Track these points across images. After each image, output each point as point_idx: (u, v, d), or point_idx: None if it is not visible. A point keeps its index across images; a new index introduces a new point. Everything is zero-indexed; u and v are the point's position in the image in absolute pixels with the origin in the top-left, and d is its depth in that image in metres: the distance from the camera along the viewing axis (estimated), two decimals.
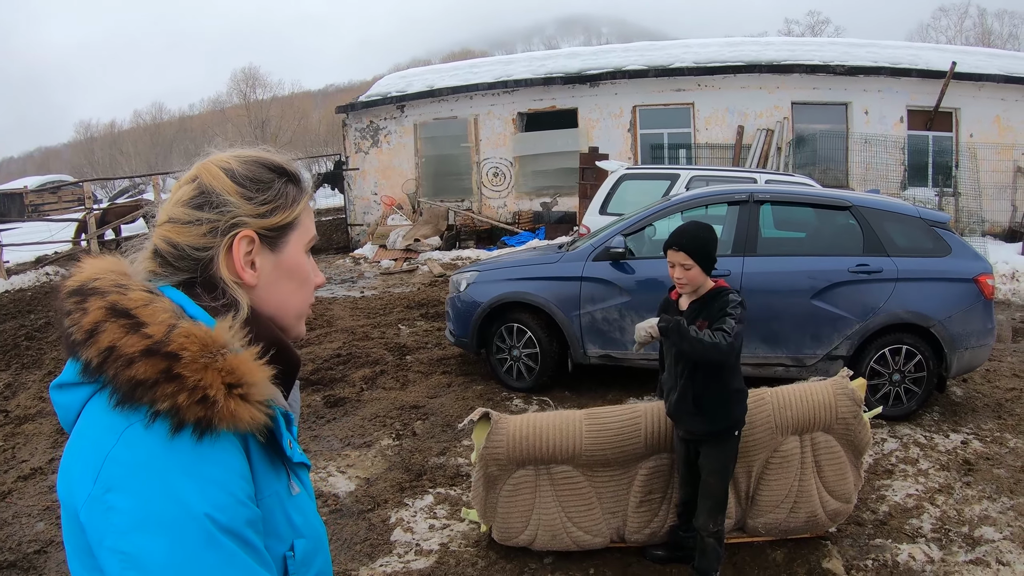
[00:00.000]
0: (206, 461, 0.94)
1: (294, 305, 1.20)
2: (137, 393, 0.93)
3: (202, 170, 1.15)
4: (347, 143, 19.11)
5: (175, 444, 0.93)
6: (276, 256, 1.16)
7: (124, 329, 0.96)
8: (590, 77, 16.86)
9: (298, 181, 1.21)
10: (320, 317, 9.90)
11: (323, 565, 1.18)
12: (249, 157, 1.18)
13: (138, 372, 0.94)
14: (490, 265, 7.07)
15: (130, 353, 0.94)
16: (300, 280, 1.20)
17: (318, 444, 5.48)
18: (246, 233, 1.11)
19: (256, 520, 0.99)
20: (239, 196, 1.12)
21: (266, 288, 1.15)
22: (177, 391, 0.93)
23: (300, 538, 1.10)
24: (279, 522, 1.06)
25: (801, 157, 15.73)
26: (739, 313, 3.13)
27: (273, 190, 1.16)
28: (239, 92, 49.90)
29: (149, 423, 0.93)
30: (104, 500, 0.91)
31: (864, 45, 17.36)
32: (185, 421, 0.93)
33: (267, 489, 1.05)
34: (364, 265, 15.31)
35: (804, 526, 3.79)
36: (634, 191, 9.39)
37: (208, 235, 1.10)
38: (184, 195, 1.13)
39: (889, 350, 5.60)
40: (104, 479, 0.92)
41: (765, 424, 3.66)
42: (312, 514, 1.17)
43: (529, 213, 17.43)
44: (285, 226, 1.17)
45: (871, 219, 5.71)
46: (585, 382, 6.63)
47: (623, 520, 3.75)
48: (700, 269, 3.21)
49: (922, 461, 4.94)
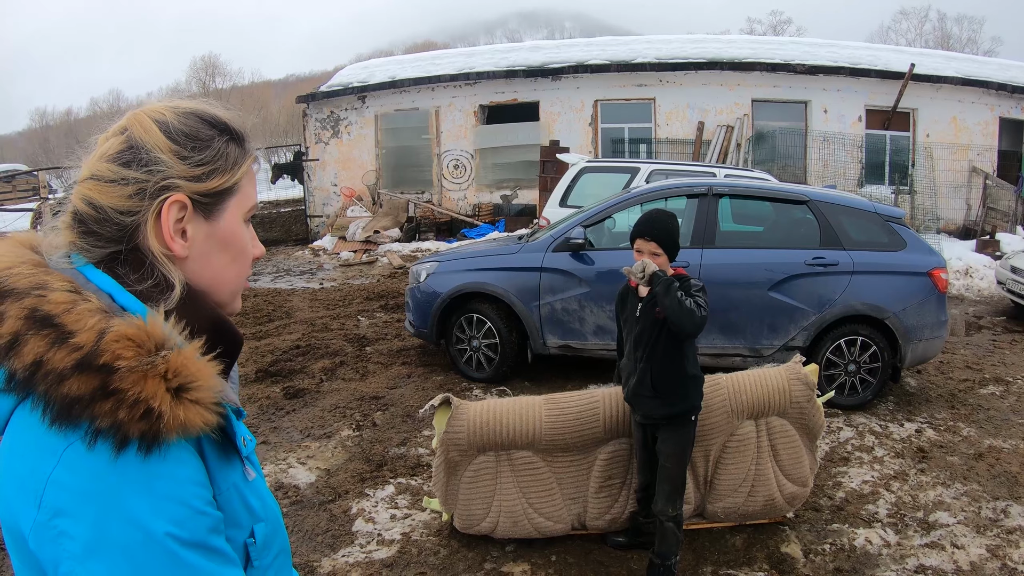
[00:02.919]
0: (157, 477, 0.86)
1: (229, 279, 1.08)
2: (74, 411, 0.84)
3: (133, 121, 1.00)
4: (307, 133, 18.85)
5: (121, 463, 0.84)
6: (211, 225, 1.03)
7: (48, 341, 0.85)
8: (552, 71, 16.87)
9: (241, 141, 1.07)
10: (279, 308, 9.77)
11: (282, 543, 1.13)
12: (188, 109, 1.04)
13: (72, 389, 0.84)
14: (450, 256, 7.03)
15: (60, 368, 0.84)
16: (237, 252, 1.08)
17: (278, 435, 5.39)
18: (178, 198, 0.98)
19: (217, 523, 0.93)
20: (172, 154, 0.98)
21: (198, 260, 1.02)
22: (116, 407, 0.84)
23: (259, 522, 1.05)
24: (238, 511, 1.01)
25: (760, 153, 15.98)
26: (703, 298, 3.16)
27: (212, 149, 1.02)
28: (198, 80, 48.87)
29: (91, 443, 0.84)
30: (53, 525, 0.84)
31: (825, 45, 17.67)
32: (129, 437, 0.84)
33: (224, 483, 0.98)
34: (323, 257, 15.14)
35: (762, 510, 3.85)
36: (594, 184, 9.43)
37: (135, 197, 0.96)
38: (110, 149, 0.98)
39: (845, 341, 5.72)
40: (48, 505, 0.84)
41: (721, 408, 3.72)
42: (266, 493, 1.11)
43: (489, 206, 17.40)
44: (223, 191, 1.03)
45: (828, 213, 5.81)
46: (545, 373, 6.65)
47: (584, 506, 3.77)
48: (667, 258, 3.26)
49: (877, 449, 5.05)
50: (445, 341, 6.68)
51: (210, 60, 48.93)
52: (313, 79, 44.48)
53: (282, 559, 1.12)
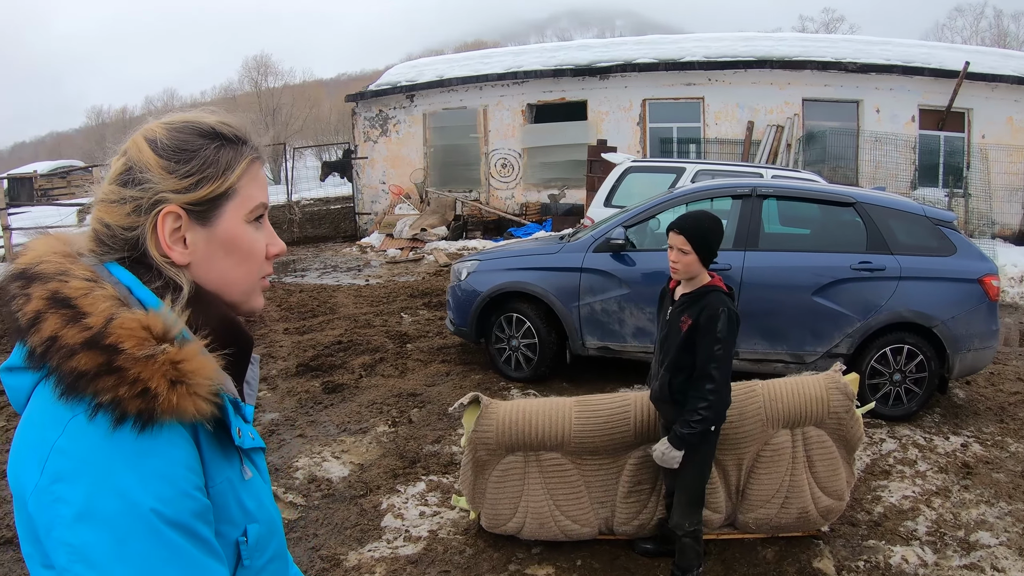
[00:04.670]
0: (149, 454, 0.92)
1: (237, 281, 1.12)
2: (80, 384, 0.91)
3: (131, 142, 1.08)
4: (356, 132, 19.09)
5: (117, 437, 0.91)
6: (209, 230, 1.07)
7: (64, 319, 0.94)
8: (600, 69, 16.77)
9: (237, 143, 1.11)
10: (323, 304, 9.91)
11: (278, 549, 1.15)
12: (179, 123, 1.09)
13: (79, 364, 0.91)
14: (491, 255, 7.04)
15: (71, 344, 0.92)
16: (242, 254, 1.11)
17: (315, 429, 5.48)
18: (170, 209, 1.04)
19: (204, 511, 0.96)
20: (161, 170, 1.04)
21: (203, 264, 1.08)
22: (117, 384, 0.91)
23: (253, 523, 1.07)
24: (231, 508, 1.04)
25: (811, 154, 15.61)
26: (725, 339, 3.10)
27: (199, 159, 1.06)
28: (250, 79, 49.72)
29: (92, 415, 0.91)
30: (51, 491, 0.90)
31: (877, 43, 17.18)
32: (127, 414, 0.91)
33: (218, 476, 1.02)
34: (370, 254, 15.31)
35: (796, 523, 3.75)
36: (640, 184, 9.33)
37: (133, 214, 1.04)
38: (114, 171, 1.07)
39: (890, 349, 5.53)
40: (50, 470, 0.91)
41: (756, 416, 3.63)
42: (266, 498, 1.14)
43: (537, 205, 17.38)
44: (216, 197, 1.07)
45: (875, 216, 5.64)
46: (584, 374, 6.61)
47: (612, 511, 3.73)
48: (697, 258, 3.15)
49: (920, 463, 4.87)
50: (485, 340, 6.69)
51: (262, 59, 49.68)
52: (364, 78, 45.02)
53: (277, 564, 1.14)
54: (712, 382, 3.08)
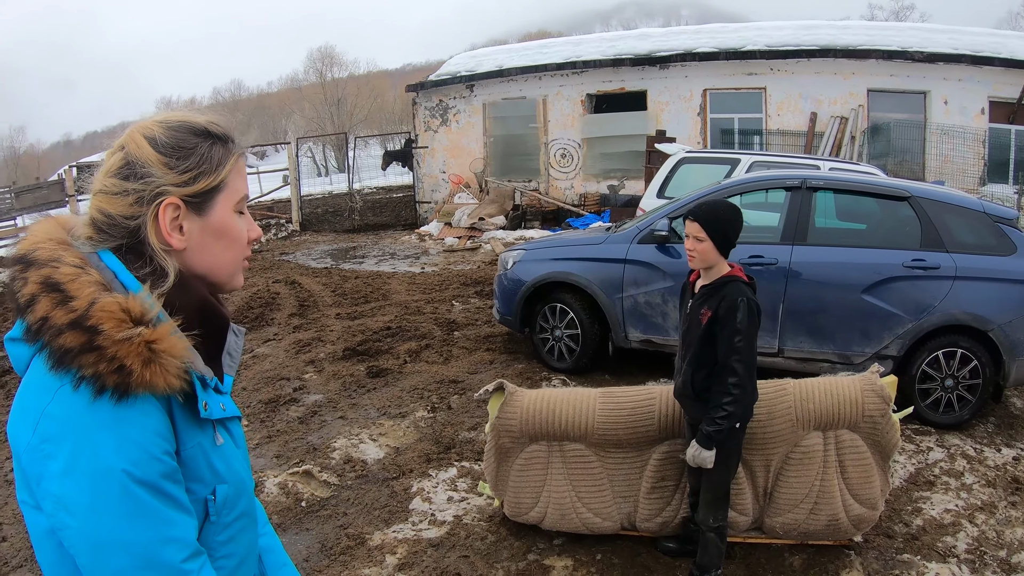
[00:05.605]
0: (123, 422, 1.05)
1: (225, 263, 1.27)
2: (66, 359, 1.05)
3: (128, 139, 1.20)
4: (416, 121, 19.29)
5: (97, 406, 1.05)
6: (203, 219, 1.22)
7: (54, 302, 1.07)
8: (660, 59, 16.52)
9: (226, 141, 1.24)
10: (377, 291, 10.07)
11: (246, 507, 1.29)
12: (174, 121, 1.21)
13: (66, 342, 1.05)
14: (537, 244, 7.05)
15: (59, 325, 1.06)
16: (230, 240, 1.26)
17: (355, 412, 5.60)
18: (170, 201, 1.17)
19: (172, 472, 1.10)
20: (162, 165, 1.17)
21: (196, 250, 1.22)
22: (97, 360, 1.04)
23: (222, 484, 1.21)
24: (202, 469, 1.17)
25: (876, 147, 15.00)
26: (746, 330, 3.03)
27: (196, 156, 1.20)
28: (315, 71, 50.72)
29: (76, 386, 1.05)
30: (41, 448, 1.05)
31: (944, 31, 16.38)
32: (105, 386, 1.05)
33: (190, 442, 1.16)
34: (429, 242, 15.46)
35: (825, 531, 3.60)
36: (693, 175, 9.18)
37: (135, 204, 1.17)
38: (112, 165, 1.19)
39: (943, 353, 5.27)
40: (41, 431, 1.06)
41: (786, 416, 3.52)
42: (236, 462, 1.27)
43: (596, 195, 17.27)
44: (210, 190, 1.21)
45: (930, 211, 5.40)
46: (626, 367, 6.56)
47: (634, 506, 3.69)
48: (712, 245, 3.09)
49: (967, 475, 4.62)
50: (529, 329, 6.72)
51: (327, 51, 50.66)
52: (428, 68, 45.41)
53: (244, 522, 1.28)
54: (734, 375, 3.02)
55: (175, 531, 1.08)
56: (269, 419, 5.52)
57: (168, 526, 1.07)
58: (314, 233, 17.43)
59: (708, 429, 3.06)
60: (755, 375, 3.16)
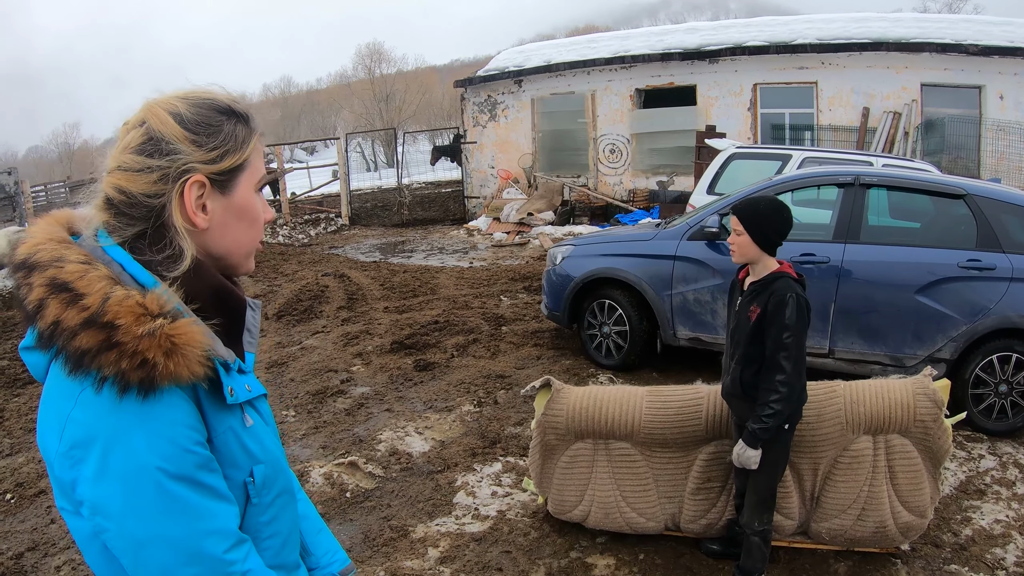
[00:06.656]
0: (152, 418, 1.02)
1: (244, 244, 1.24)
2: (84, 361, 1.01)
3: (150, 114, 1.14)
4: (465, 117, 19.34)
5: (123, 405, 1.01)
6: (227, 198, 1.18)
7: (64, 303, 1.02)
8: (709, 53, 16.24)
9: (247, 120, 1.21)
10: (425, 285, 10.14)
11: (285, 485, 1.27)
12: (197, 98, 1.17)
13: (82, 343, 1.01)
14: (586, 240, 7.02)
15: (73, 326, 1.01)
16: (251, 219, 1.23)
17: (401, 405, 5.64)
18: (197, 178, 1.13)
19: (207, 461, 1.08)
20: (189, 142, 1.12)
21: (217, 229, 1.18)
22: (119, 358, 1.00)
23: (259, 464, 1.19)
24: (236, 453, 1.15)
25: (930, 143, 14.48)
26: (794, 327, 2.96)
27: (223, 134, 1.16)
28: (364, 67, 51.26)
29: (98, 388, 1.01)
30: (70, 455, 1.03)
31: (999, 23, 15.70)
32: (130, 383, 1.01)
33: (220, 427, 1.13)
34: (477, 237, 15.52)
35: (872, 537, 3.51)
36: (744, 171, 9.00)
37: (159, 182, 1.11)
38: (133, 141, 1.13)
39: (997, 357, 5.08)
40: (68, 438, 1.03)
41: (835, 418, 3.43)
42: (269, 440, 1.25)
43: (645, 191, 17.10)
44: (235, 168, 1.18)
45: (987, 210, 5.19)
46: (674, 365, 6.49)
47: (679, 507, 3.64)
48: (751, 240, 3.05)
49: (1019, 484, 4.45)
50: (577, 325, 6.69)
51: (375, 47, 51.13)
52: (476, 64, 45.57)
53: (284, 499, 1.26)
54: (782, 373, 2.95)
55: (215, 522, 1.06)
56: (316, 410, 5.60)
57: (208, 518, 1.05)
58: (363, 227, 17.64)
59: (754, 427, 3.01)
60: (804, 374, 3.09)
